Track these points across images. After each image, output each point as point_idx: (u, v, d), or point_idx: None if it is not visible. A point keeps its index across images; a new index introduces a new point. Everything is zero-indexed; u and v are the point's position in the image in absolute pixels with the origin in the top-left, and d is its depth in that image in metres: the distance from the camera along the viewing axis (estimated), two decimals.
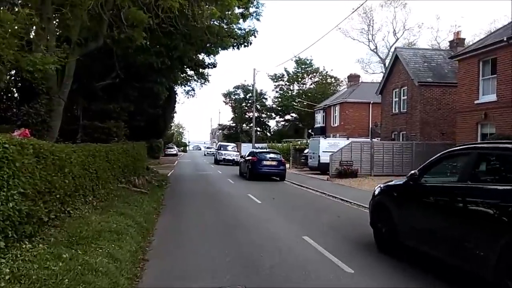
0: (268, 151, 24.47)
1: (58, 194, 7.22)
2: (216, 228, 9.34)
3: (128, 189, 13.10)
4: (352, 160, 21.66)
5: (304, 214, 11.38)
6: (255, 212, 11.57)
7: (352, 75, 44.19)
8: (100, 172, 10.67)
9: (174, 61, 15.95)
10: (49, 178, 6.63)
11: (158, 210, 11.51)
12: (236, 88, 70.00)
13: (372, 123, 37.40)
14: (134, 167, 15.29)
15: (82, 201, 8.87)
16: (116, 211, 9.27)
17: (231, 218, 10.52)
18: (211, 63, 20.90)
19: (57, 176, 7.17)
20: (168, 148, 55.68)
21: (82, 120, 16.14)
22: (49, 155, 6.65)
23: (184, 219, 10.46)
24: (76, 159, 8.72)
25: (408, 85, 26.71)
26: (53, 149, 7.01)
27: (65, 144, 8.85)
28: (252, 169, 21.47)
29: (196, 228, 9.36)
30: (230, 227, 9.35)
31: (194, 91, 44.76)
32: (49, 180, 6.60)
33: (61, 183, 7.36)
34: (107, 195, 10.86)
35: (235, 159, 37.37)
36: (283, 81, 63.96)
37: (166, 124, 31.03)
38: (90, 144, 10.65)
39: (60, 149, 7.44)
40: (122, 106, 17.21)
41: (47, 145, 6.86)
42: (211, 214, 11.15)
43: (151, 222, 9.55)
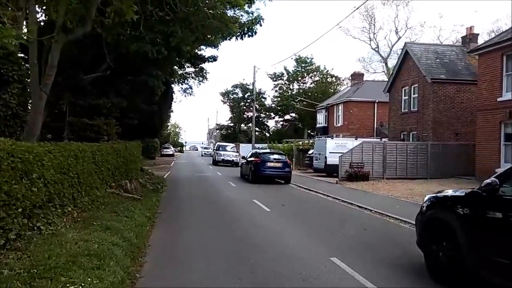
0: (272, 151, 22.86)
1: (21, 206, 5.59)
2: (221, 244, 7.72)
3: (119, 195, 11.46)
4: (363, 162, 20.09)
5: (322, 225, 9.78)
6: (265, 222, 9.96)
7: (356, 74, 42.71)
8: (83, 176, 9.03)
9: (171, 51, 14.31)
10: (5, 187, 4.99)
11: (153, 221, 9.88)
12: (235, 87, 68.33)
13: (378, 123, 35.93)
14: (126, 170, 13.64)
15: (58, 213, 7.22)
16: (100, 225, 7.63)
17: (238, 231, 8.91)
18: (211, 57, 19.31)
19: (20, 183, 5.54)
20: (164, 148, 54.02)
21: (69, 116, 14.45)
22: (4, 157, 5.01)
23: (183, 232, 8.83)
24: (51, 161, 7.08)
25: (419, 82, 25.22)
26: (12, 149, 5.37)
27: (38, 143, 7.21)
28: (255, 171, 19.87)
29: (198, 244, 7.74)
30: (238, 243, 7.73)
31: (191, 89, 43.15)
32: (4, 189, 4.97)
33: (27, 193, 5.73)
34: (92, 203, 9.21)
35: (235, 160, 35.80)
36: (283, 80, 62.34)
37: (162, 123, 29.30)
38: (71, 143, 9.01)
39: (24, 149, 5.79)
40: (113, 102, 15.54)
41: (3, 143, 5.22)
42: (214, 226, 9.53)
43: (144, 237, 7.92)
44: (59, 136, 14.63)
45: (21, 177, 5.60)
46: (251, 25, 15.20)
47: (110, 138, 14.65)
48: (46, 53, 12.67)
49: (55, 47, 12.03)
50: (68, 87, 14.03)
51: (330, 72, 59.53)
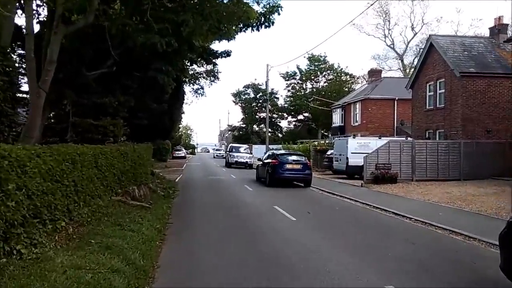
0: (290, 152, 21.43)
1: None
2: (246, 265, 6.35)
3: (125, 203, 10.19)
4: (390, 163, 18.53)
5: (361, 238, 8.33)
6: (293, 235, 8.55)
7: (373, 70, 41.01)
8: (82, 183, 7.76)
9: (182, 44, 13.02)
10: None
11: (163, 233, 8.57)
12: (246, 88, 67.05)
13: (398, 121, 34.21)
14: (135, 174, 12.39)
15: (47, 229, 5.94)
16: (100, 243, 6.34)
17: (264, 247, 7.52)
18: (225, 52, 17.96)
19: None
20: (176, 151, 52.91)
21: (72, 117, 13.27)
22: None
23: (199, 248, 7.49)
24: (38, 167, 5.81)
25: (446, 76, 23.53)
26: None
27: (23, 145, 5.95)
28: (273, 174, 18.47)
29: (218, 266, 6.39)
30: (267, 265, 6.34)
31: (203, 89, 42.04)
32: None
33: (4, 209, 4.45)
34: (92, 215, 7.93)
35: (248, 161, 34.46)
36: (295, 79, 60.82)
37: (173, 123, 27.98)
38: (68, 145, 7.75)
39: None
40: (120, 100, 14.32)
41: None
42: (235, 240, 8.17)
43: (152, 256, 6.60)
44: (64, 138, 13.49)
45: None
46: (269, 13, 13.83)
47: (117, 140, 13.45)
48: (45, 47, 11.54)
49: (54, 40, 10.86)
50: (71, 85, 12.85)
51: (344, 70, 57.82)
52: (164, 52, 13.09)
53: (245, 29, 15.03)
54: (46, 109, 12.75)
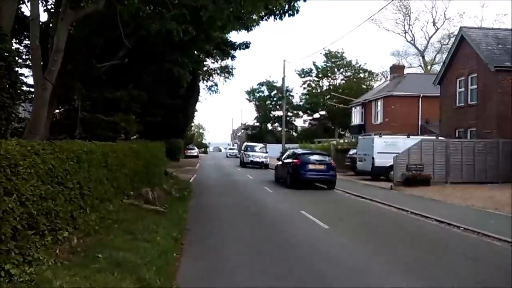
0: (313, 152, 20.23)
1: None
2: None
3: (138, 207, 9.15)
4: (422, 164, 17.18)
5: (412, 253, 7.10)
6: (331, 248, 7.38)
7: (396, 66, 39.43)
8: (89, 185, 6.74)
9: (200, 33, 11.94)
10: None
11: (181, 242, 7.49)
12: (260, 85, 65.92)
13: (423, 119, 32.64)
14: (148, 175, 11.38)
15: (46, 242, 4.90)
16: (108, 258, 5.30)
17: (299, 264, 6.36)
18: (243, 43, 16.83)
19: None
20: (188, 149, 52.04)
21: (81, 112, 12.32)
22: None
23: (222, 264, 6.38)
24: (36, 167, 4.77)
25: (478, 71, 22.02)
26: None
27: (17, 140, 4.92)
28: (295, 175, 17.30)
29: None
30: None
31: (217, 86, 41.07)
32: None
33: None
34: (101, 222, 6.89)
35: (264, 161, 33.30)
36: (311, 76, 59.34)
37: (187, 120, 26.86)
38: (73, 142, 6.73)
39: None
40: (133, 95, 13.31)
41: None
42: (263, 253, 7.04)
43: (169, 274, 5.52)
44: (72, 135, 12.56)
45: None
46: (293, 0, 12.68)
47: (129, 137, 12.47)
48: (53, 35, 10.60)
49: (61, 27, 9.88)
50: (80, 77, 11.88)
51: (362, 67, 56.16)
52: (180, 41, 12.06)
53: (268, 17, 13.92)
54: (53, 103, 11.82)
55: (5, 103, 6.22)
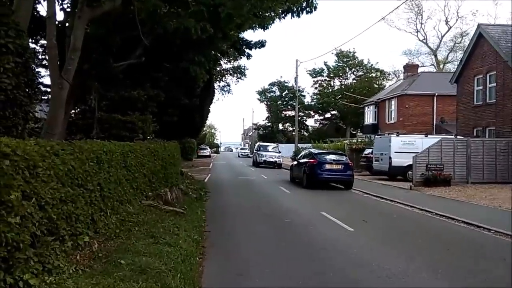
0: (329, 151, 19.87)
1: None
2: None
3: (157, 208, 8.93)
4: (442, 163, 16.70)
5: (446, 258, 6.73)
6: (360, 253, 7.03)
7: (409, 65, 38.79)
8: (109, 187, 6.51)
9: (217, 31, 11.65)
10: None
11: (202, 245, 7.24)
12: (272, 85, 65.56)
13: (437, 118, 31.98)
14: (166, 175, 11.16)
15: (66, 248, 4.65)
16: (131, 264, 5.04)
17: (329, 270, 6.05)
18: (259, 42, 16.52)
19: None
20: (201, 149, 51.99)
21: (98, 112, 12.15)
22: None
23: (245, 268, 6.10)
24: (56, 168, 4.55)
25: (497, 69, 21.40)
26: None
27: (35, 139, 4.70)
28: (311, 175, 16.96)
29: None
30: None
31: (229, 86, 40.91)
32: None
33: (3, 229, 3.17)
34: (121, 225, 6.66)
35: (278, 161, 32.97)
36: (323, 76, 58.89)
37: (203, 120, 26.68)
38: (93, 142, 6.50)
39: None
40: (150, 94, 13.11)
41: None
42: (287, 257, 6.74)
43: (194, 280, 5.26)
44: (89, 135, 12.41)
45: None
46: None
47: (146, 137, 12.27)
48: (69, 34, 10.43)
49: (78, 25, 9.69)
50: (96, 77, 11.71)
51: (374, 66, 55.48)
52: (197, 40, 11.78)
53: (285, 15, 13.63)
54: (70, 103, 11.67)
55: (22, 101, 6.01)
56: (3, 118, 5.43)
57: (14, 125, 5.85)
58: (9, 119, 5.68)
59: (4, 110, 5.44)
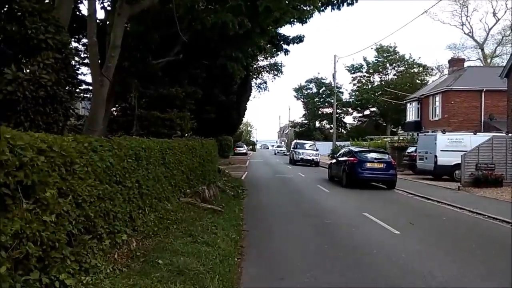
0: (371, 149, 19.15)
1: (17, 254, 2.92)
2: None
3: (195, 206, 8.82)
4: (493, 163, 15.61)
5: (508, 270, 6.11)
6: (411, 259, 6.53)
7: (455, 59, 36.86)
8: (148, 184, 6.41)
9: (255, 26, 11.40)
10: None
11: (240, 245, 7.02)
12: (309, 82, 64.64)
13: (486, 115, 30.16)
14: (203, 172, 11.07)
15: (104, 246, 4.56)
16: (169, 265, 4.88)
17: (376, 276, 5.64)
18: (297, 37, 16.11)
19: (13, 210, 2.88)
20: (238, 147, 52.20)
21: (138, 109, 12.26)
22: None
23: (286, 272, 5.79)
24: (93, 165, 4.45)
25: None
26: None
27: (74, 136, 4.63)
28: (351, 174, 16.38)
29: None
30: None
31: (266, 84, 40.73)
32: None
33: (28, 227, 3.06)
34: (160, 222, 6.56)
35: (315, 159, 32.37)
36: (362, 72, 57.36)
37: (239, 117, 26.61)
38: (131, 138, 6.44)
39: (24, 142, 3.11)
40: (188, 91, 13.09)
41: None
42: (331, 260, 6.37)
43: (233, 283, 5.04)
44: (129, 132, 12.57)
45: (14, 198, 2.94)
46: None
47: (184, 134, 12.24)
48: (109, 31, 10.55)
49: (118, 22, 9.74)
50: (136, 74, 11.79)
51: (416, 61, 53.30)
52: (235, 35, 11.61)
53: (325, 7, 13.16)
54: (110, 100, 11.85)
55: (63, 98, 6.01)
56: (44, 114, 5.43)
57: (55, 121, 5.86)
58: (50, 115, 5.68)
59: (45, 106, 5.44)
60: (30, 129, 4.97)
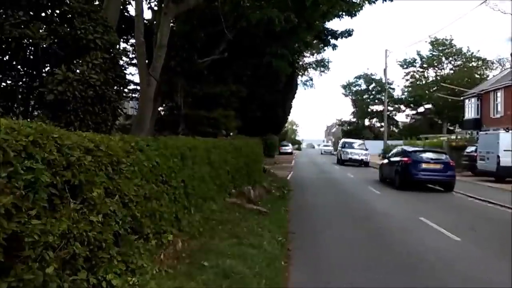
0: (426, 149, 18.10)
1: (66, 253, 2.89)
2: None
3: (240, 206, 8.69)
4: None
5: None
6: (470, 267, 5.97)
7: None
8: (193, 183, 6.35)
9: (301, 21, 11.10)
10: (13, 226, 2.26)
11: (287, 248, 6.76)
12: (357, 78, 62.93)
13: None
14: (248, 172, 10.95)
15: (150, 247, 4.50)
16: (215, 268, 4.76)
17: (436, 285, 5.17)
18: (346, 31, 15.54)
19: (61, 210, 2.84)
20: (283, 146, 51.73)
21: (183, 108, 12.39)
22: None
23: (336, 274, 5.49)
24: (140, 164, 4.41)
25: None
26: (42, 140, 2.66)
27: (121, 135, 4.62)
28: (405, 174, 15.55)
29: None
30: None
31: (312, 81, 40.11)
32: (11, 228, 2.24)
33: (74, 227, 3.01)
34: (205, 223, 6.48)
35: (364, 159, 31.28)
36: (415, 67, 54.89)
37: (285, 115, 26.25)
38: (177, 138, 6.42)
39: (74, 142, 3.07)
40: (233, 90, 13.05)
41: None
42: (386, 268, 5.95)
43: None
44: (175, 131, 12.75)
45: (62, 198, 2.90)
46: None
47: (229, 133, 12.20)
48: (156, 31, 10.72)
49: (164, 22, 9.87)
50: (182, 73, 11.92)
51: (475, 54, 50.09)
52: (280, 32, 11.38)
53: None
54: (157, 100, 12.07)
55: (111, 97, 6.09)
56: (93, 113, 5.52)
57: (104, 121, 5.94)
58: (98, 114, 5.77)
59: (94, 105, 5.52)
60: (80, 128, 5.04)
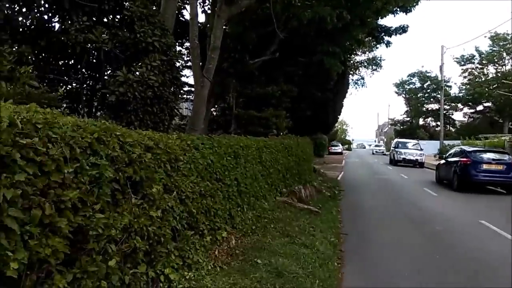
0: (486, 149, 17.03)
1: (127, 248, 3.03)
2: None
3: (291, 205, 8.67)
4: None
5: None
6: None
7: None
8: (246, 182, 6.43)
9: (354, 18, 10.85)
10: (78, 219, 2.42)
11: (339, 249, 6.65)
12: (411, 76, 60.48)
13: None
14: (299, 171, 10.90)
15: (205, 243, 4.62)
16: (268, 265, 4.79)
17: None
18: (401, 27, 14.99)
19: (123, 205, 2.99)
20: (332, 146, 50.81)
21: (235, 108, 12.59)
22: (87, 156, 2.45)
23: (392, 279, 5.30)
24: (196, 162, 4.54)
25: None
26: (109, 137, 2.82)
27: (178, 134, 4.79)
28: (464, 176, 14.72)
29: None
30: None
31: (363, 79, 39.16)
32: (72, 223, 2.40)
33: (134, 222, 3.16)
34: (257, 221, 6.54)
35: (419, 159, 29.92)
36: (473, 63, 51.77)
37: (335, 115, 25.81)
38: (230, 137, 6.53)
39: (131, 139, 3.22)
40: (283, 89, 13.06)
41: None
42: (443, 275, 5.67)
43: None
44: (227, 131, 13.00)
45: (124, 194, 3.05)
46: None
47: (280, 133, 12.22)
48: (209, 33, 10.97)
49: (217, 24, 10.08)
50: (234, 74, 12.11)
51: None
52: (332, 29, 11.21)
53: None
54: (210, 101, 12.36)
55: (168, 98, 6.33)
56: (152, 113, 5.76)
57: (161, 120, 6.18)
58: (156, 114, 6.01)
59: (152, 106, 5.76)
60: (139, 127, 5.28)
